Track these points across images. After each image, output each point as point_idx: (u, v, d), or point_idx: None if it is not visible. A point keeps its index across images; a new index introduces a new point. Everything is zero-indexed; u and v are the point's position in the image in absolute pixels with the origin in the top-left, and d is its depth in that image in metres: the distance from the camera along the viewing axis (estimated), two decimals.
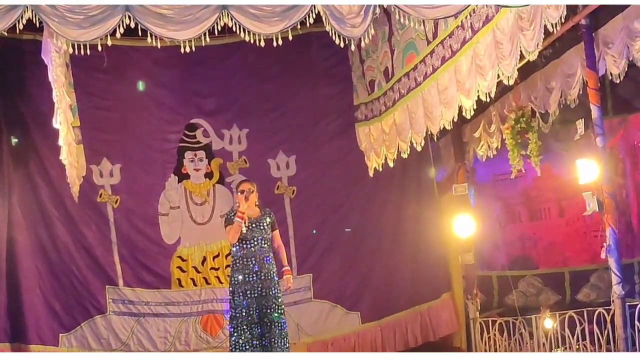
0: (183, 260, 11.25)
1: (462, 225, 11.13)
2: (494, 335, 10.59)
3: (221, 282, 11.18)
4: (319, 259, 11.48)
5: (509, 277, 11.93)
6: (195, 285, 11.23)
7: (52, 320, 10.82)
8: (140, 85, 11.09)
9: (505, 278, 11.99)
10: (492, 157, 10.73)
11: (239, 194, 9.04)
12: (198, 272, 11.25)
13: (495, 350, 10.45)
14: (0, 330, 10.52)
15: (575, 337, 9.37)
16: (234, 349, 8.97)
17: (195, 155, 11.43)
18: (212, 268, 11.29)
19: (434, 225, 11.49)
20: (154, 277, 11.15)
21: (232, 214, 9.02)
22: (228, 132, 11.51)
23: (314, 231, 11.32)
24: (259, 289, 8.93)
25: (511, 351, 10.18)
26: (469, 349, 11.12)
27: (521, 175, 10.66)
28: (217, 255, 11.32)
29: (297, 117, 11.54)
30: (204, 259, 11.29)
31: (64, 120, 8.69)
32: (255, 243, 8.97)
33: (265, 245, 9.00)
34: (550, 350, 9.65)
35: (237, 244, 8.97)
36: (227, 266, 11.06)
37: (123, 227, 11.14)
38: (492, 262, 12.29)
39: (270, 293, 8.96)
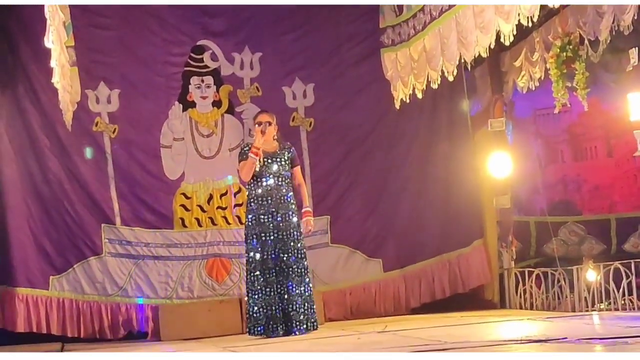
0: (187, 197, 11.28)
1: (498, 165, 11.14)
2: (530, 287, 10.66)
3: (229, 223, 11.28)
4: (337, 199, 11.56)
5: (548, 223, 11.98)
6: (200, 225, 11.26)
7: (42, 261, 10.87)
8: None
9: (545, 224, 12.05)
10: (533, 89, 10.66)
11: (256, 126, 9.17)
12: (203, 211, 11.29)
13: (532, 305, 10.56)
14: None
15: (620, 291, 9.51)
16: (248, 296, 9.22)
17: (202, 81, 11.41)
18: (219, 207, 11.33)
19: (466, 164, 11.53)
20: (154, 215, 11.18)
21: (247, 148, 9.15)
22: (239, 56, 11.49)
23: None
24: (275, 231, 9.11)
25: (549, 305, 10.30)
26: (502, 302, 11.23)
27: (565, 110, 10.70)
28: (225, 193, 11.36)
29: (316, 41, 11.55)
30: (210, 197, 11.32)
31: (56, 39, 8.66)
32: (272, 180, 9.13)
33: (283, 183, 9.18)
34: (593, 305, 9.79)
35: (252, 181, 9.13)
36: (236, 205, 11.24)
37: (121, 159, 11.15)
38: (530, 207, 12.39)
39: (288, 236, 9.13)
